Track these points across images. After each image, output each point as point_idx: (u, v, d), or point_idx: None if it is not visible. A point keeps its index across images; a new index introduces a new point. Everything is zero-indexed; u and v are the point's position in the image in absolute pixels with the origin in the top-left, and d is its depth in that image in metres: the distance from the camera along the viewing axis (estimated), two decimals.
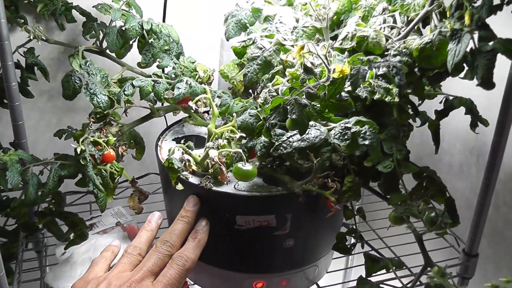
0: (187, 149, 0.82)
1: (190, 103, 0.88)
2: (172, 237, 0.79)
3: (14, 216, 1.02)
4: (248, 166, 0.76)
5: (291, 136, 0.70)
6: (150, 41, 1.02)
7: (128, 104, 0.96)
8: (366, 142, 0.66)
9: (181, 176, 0.83)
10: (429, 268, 0.73)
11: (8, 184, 0.87)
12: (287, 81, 0.78)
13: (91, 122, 0.93)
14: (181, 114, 1.06)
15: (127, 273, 0.75)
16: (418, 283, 0.78)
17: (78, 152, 0.87)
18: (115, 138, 0.94)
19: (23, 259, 1.05)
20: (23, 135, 1.08)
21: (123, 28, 1.00)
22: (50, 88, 1.22)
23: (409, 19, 0.84)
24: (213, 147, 0.79)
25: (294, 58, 0.77)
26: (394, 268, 0.76)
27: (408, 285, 0.76)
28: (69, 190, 1.12)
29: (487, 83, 0.69)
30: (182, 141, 0.85)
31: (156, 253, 0.77)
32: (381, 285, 0.78)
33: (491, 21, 0.71)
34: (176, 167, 0.80)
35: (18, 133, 1.07)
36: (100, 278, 0.75)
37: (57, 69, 1.20)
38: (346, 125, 0.68)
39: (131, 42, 1.04)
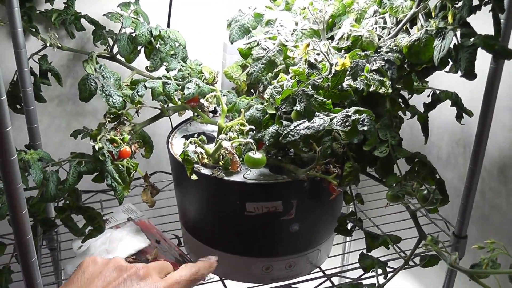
0: (200, 143, 0.89)
1: (202, 100, 0.96)
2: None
3: (32, 213, 1.08)
4: (258, 155, 0.84)
5: (298, 125, 0.78)
6: (157, 46, 1.09)
7: (139, 105, 1.03)
8: (365, 128, 0.74)
9: (194, 168, 0.90)
10: (423, 241, 0.81)
11: (30, 182, 0.94)
12: (291, 77, 0.86)
13: (107, 122, 1.00)
14: (185, 116, 1.13)
15: None
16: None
17: (97, 149, 0.94)
18: (129, 136, 1.01)
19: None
20: (38, 138, 1.14)
21: (133, 35, 1.07)
22: (59, 94, 1.28)
23: (398, 20, 0.92)
24: (225, 139, 0.87)
25: (299, 55, 0.85)
26: (392, 243, 0.84)
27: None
28: (80, 190, 1.18)
29: (470, 74, 0.77)
30: (195, 136, 0.93)
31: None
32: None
33: (472, 19, 0.80)
34: (191, 158, 0.87)
35: (33, 135, 1.14)
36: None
37: (67, 75, 1.27)
38: (347, 113, 0.76)
39: (139, 48, 1.11)
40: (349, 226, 0.95)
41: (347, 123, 0.75)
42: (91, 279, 0.73)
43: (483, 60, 0.83)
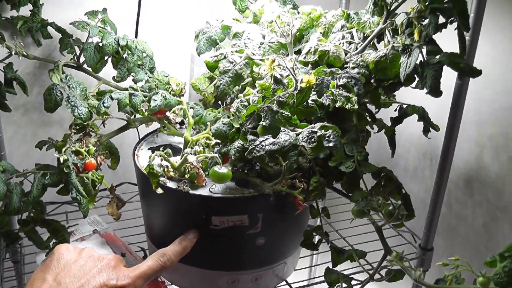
0: (165, 156, 0.88)
1: (168, 113, 0.95)
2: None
3: None
4: (223, 169, 0.84)
5: (263, 140, 0.78)
6: (124, 56, 1.08)
7: (105, 116, 1.02)
8: (331, 144, 0.74)
9: (160, 181, 0.89)
10: (388, 256, 0.81)
11: None
12: (257, 92, 0.86)
13: (72, 133, 0.98)
14: (152, 126, 1.12)
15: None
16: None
17: (61, 161, 0.92)
18: (94, 148, 0.99)
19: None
20: (2, 148, 1.12)
21: (100, 44, 1.06)
22: (25, 102, 1.26)
23: (365, 35, 0.93)
24: (191, 153, 0.86)
25: (265, 71, 0.85)
26: (357, 258, 0.84)
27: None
28: (45, 201, 1.16)
29: (435, 91, 0.78)
30: (161, 149, 0.92)
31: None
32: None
33: (437, 36, 0.80)
34: (156, 172, 0.86)
35: None
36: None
37: (32, 84, 1.24)
38: (313, 129, 0.76)
39: (106, 58, 1.09)
40: (315, 239, 0.95)
41: (312, 139, 0.75)
42: (68, 266, 0.77)
43: (450, 75, 0.83)
